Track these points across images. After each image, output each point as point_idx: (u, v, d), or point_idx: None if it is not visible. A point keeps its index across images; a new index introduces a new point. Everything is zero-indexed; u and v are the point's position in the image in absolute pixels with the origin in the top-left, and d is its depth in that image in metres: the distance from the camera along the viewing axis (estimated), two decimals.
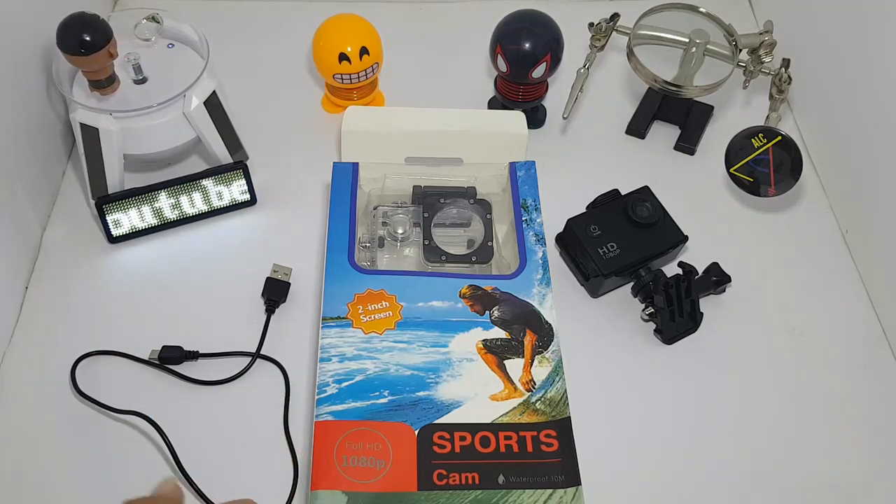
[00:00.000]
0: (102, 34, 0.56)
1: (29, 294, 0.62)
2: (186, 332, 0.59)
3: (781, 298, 0.64)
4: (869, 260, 0.65)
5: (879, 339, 0.62)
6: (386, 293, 0.53)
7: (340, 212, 0.57)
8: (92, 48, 0.56)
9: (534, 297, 0.53)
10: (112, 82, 0.60)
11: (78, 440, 0.55)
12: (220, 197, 0.65)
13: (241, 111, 0.66)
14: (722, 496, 0.54)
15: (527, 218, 0.58)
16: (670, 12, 0.68)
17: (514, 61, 0.67)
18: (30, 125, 0.63)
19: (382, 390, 0.49)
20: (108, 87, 0.60)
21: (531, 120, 0.71)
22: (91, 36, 0.55)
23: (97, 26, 0.56)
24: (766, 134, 0.62)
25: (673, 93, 0.67)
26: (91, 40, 0.55)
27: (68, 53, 0.56)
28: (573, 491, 0.46)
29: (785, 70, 0.64)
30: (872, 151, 0.64)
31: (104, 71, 0.59)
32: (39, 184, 0.65)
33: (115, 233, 0.63)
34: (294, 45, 0.77)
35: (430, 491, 0.45)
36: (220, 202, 0.65)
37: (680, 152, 0.73)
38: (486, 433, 0.47)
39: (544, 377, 0.50)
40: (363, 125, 0.62)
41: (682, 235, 0.62)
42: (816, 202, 0.70)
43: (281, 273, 0.62)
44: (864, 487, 0.55)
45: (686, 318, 0.60)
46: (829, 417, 0.58)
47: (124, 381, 0.57)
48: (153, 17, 0.60)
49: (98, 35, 0.56)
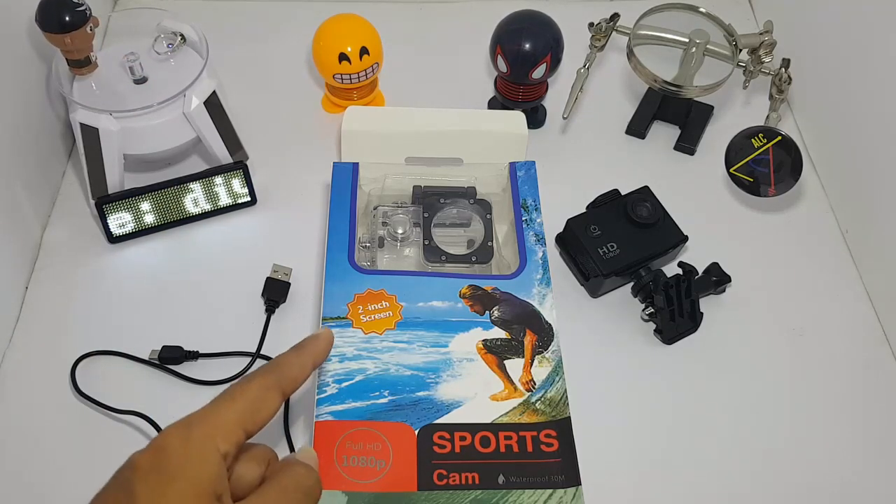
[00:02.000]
0: (82, 12, 0.56)
1: (29, 294, 0.62)
2: (186, 332, 0.59)
3: (781, 298, 0.64)
4: (869, 260, 0.65)
5: (879, 339, 0.62)
6: (386, 293, 0.53)
7: (340, 212, 0.57)
8: (71, 26, 0.56)
9: (534, 297, 0.53)
10: (90, 63, 0.60)
11: (78, 440, 0.55)
12: (220, 197, 0.65)
13: (241, 111, 0.66)
14: (722, 496, 0.54)
15: (527, 218, 0.58)
16: (670, 12, 0.68)
17: (514, 62, 0.67)
18: (30, 125, 0.63)
19: (382, 390, 0.49)
20: (86, 67, 0.59)
21: (531, 120, 0.71)
22: (70, 15, 0.55)
23: (76, 4, 0.56)
24: (766, 134, 0.62)
25: (673, 93, 0.67)
26: (70, 19, 0.55)
27: (48, 32, 0.56)
28: (573, 491, 0.46)
29: (785, 70, 0.64)
30: (872, 151, 0.64)
31: (84, 50, 0.58)
32: (39, 184, 0.65)
33: (115, 233, 0.63)
34: (294, 45, 0.77)
35: (430, 491, 0.45)
36: (220, 202, 0.65)
37: (680, 152, 0.73)
38: (486, 433, 0.47)
39: (544, 377, 0.50)
40: (363, 125, 0.62)
41: (682, 235, 0.62)
42: (816, 202, 0.70)
43: (281, 273, 0.62)
44: (864, 487, 0.55)
45: (686, 318, 0.60)
46: (828, 417, 0.58)
47: (124, 381, 0.57)
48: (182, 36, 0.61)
49: (77, 14, 0.56)
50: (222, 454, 0.34)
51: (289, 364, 0.38)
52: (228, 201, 0.65)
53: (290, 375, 0.38)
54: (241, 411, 0.35)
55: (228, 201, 0.65)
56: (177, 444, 0.33)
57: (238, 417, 0.35)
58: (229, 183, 0.64)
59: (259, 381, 0.37)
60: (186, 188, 0.63)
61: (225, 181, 0.64)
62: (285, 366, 0.38)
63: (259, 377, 0.37)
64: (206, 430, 0.34)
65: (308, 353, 0.40)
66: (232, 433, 0.35)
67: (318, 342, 0.40)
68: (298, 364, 0.39)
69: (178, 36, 0.61)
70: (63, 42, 0.57)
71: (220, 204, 0.65)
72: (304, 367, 0.39)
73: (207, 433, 0.34)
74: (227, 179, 0.64)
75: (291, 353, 0.39)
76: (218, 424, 0.34)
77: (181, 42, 0.61)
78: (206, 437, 0.34)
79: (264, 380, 0.37)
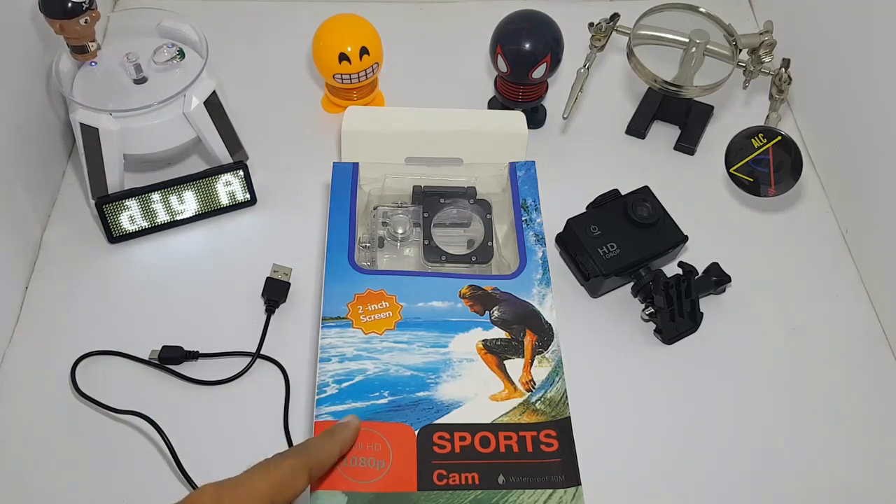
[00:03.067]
0: (78, 5, 0.56)
1: (29, 294, 0.62)
2: (186, 332, 0.59)
3: (781, 298, 0.64)
4: (869, 260, 0.65)
5: (879, 339, 0.62)
6: (386, 293, 0.53)
7: (340, 212, 0.57)
8: (62, 14, 0.56)
9: (534, 297, 0.53)
10: (86, 51, 0.60)
11: (78, 440, 0.55)
12: (220, 197, 0.65)
13: (241, 111, 0.66)
14: (722, 496, 0.54)
15: (527, 218, 0.58)
16: (670, 12, 0.68)
17: (515, 62, 0.67)
18: (30, 125, 0.63)
19: (382, 391, 0.49)
20: (81, 54, 0.60)
21: (531, 120, 0.71)
22: (63, 3, 0.56)
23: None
24: (766, 134, 0.62)
25: (673, 93, 0.67)
26: (62, 8, 0.56)
27: (44, 13, 0.56)
28: (573, 491, 0.46)
29: (785, 70, 0.64)
30: (872, 151, 0.64)
31: (79, 39, 0.59)
32: (39, 184, 0.65)
33: (115, 233, 0.63)
34: (294, 45, 0.77)
35: (430, 491, 0.45)
36: (219, 202, 0.65)
37: (680, 152, 0.73)
38: (486, 433, 0.47)
39: (544, 377, 0.50)
40: (363, 125, 0.62)
41: (682, 235, 0.62)
42: (816, 202, 0.70)
43: (281, 273, 0.62)
44: (864, 487, 0.55)
45: (686, 318, 0.60)
46: (829, 417, 0.58)
47: (124, 381, 0.57)
48: (181, 52, 0.61)
49: (74, 5, 0.56)
50: None
51: (320, 449, 0.42)
52: (228, 201, 0.65)
53: (320, 461, 0.41)
54: (272, 485, 0.38)
55: (228, 201, 0.65)
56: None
57: (269, 490, 0.37)
58: (229, 183, 0.64)
59: (292, 461, 0.39)
60: (186, 188, 0.63)
61: (225, 181, 0.64)
62: (317, 450, 0.42)
63: (293, 457, 0.40)
64: (237, 495, 0.37)
65: (337, 440, 0.43)
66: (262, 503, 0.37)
67: (347, 430, 0.44)
68: (328, 450, 0.42)
69: (177, 52, 0.61)
70: (55, 26, 0.57)
71: (220, 204, 0.65)
72: (333, 454, 0.43)
73: (238, 499, 0.36)
74: (227, 179, 0.64)
75: (323, 439, 0.43)
76: (249, 492, 0.37)
77: (179, 58, 0.61)
78: (237, 502, 0.36)
79: (297, 460, 0.40)
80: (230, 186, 0.64)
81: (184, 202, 0.64)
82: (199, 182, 0.63)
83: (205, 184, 0.63)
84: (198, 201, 0.64)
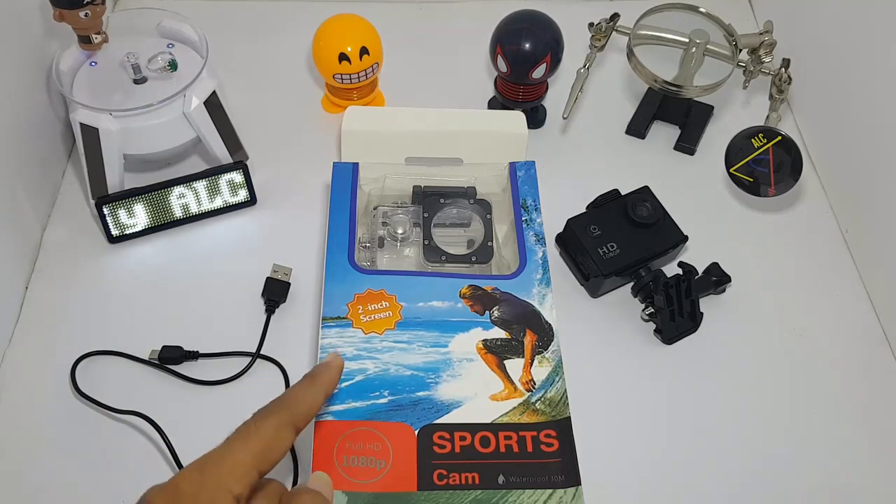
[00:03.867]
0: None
1: (29, 294, 0.62)
2: (186, 332, 0.59)
3: (781, 298, 0.64)
4: (869, 260, 0.65)
5: (879, 339, 0.62)
6: (386, 293, 0.53)
7: (340, 212, 0.57)
8: (58, 3, 0.56)
9: (534, 297, 0.53)
10: (90, 42, 0.60)
11: (78, 440, 0.55)
12: (220, 197, 0.65)
13: (241, 111, 0.66)
14: (722, 496, 0.54)
15: (527, 218, 0.58)
16: (670, 12, 0.68)
17: (514, 62, 0.67)
18: (30, 125, 0.63)
19: (382, 390, 0.49)
20: (87, 44, 0.60)
21: (531, 120, 0.71)
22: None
23: None
24: (766, 134, 0.62)
25: (673, 93, 0.67)
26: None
27: (53, 4, 0.57)
28: (573, 491, 0.46)
29: (785, 70, 0.64)
30: (872, 151, 0.64)
31: (82, 29, 0.59)
32: (39, 184, 0.65)
33: (115, 233, 0.63)
34: (294, 45, 0.77)
35: (430, 491, 0.45)
36: (220, 202, 0.65)
37: (680, 152, 0.73)
38: (486, 433, 0.47)
39: (544, 377, 0.50)
40: (363, 125, 0.62)
41: (682, 235, 0.62)
42: (816, 202, 0.70)
43: (281, 273, 0.62)
44: (864, 487, 0.55)
45: (686, 318, 0.60)
46: (828, 417, 0.58)
47: (124, 381, 0.57)
48: (172, 63, 0.61)
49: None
50: (235, 497, 0.34)
51: (302, 399, 0.38)
52: (228, 201, 0.65)
53: (303, 411, 0.38)
54: (255, 452, 0.35)
55: (228, 201, 0.65)
56: (190, 487, 0.34)
57: (252, 458, 0.35)
58: (229, 183, 0.64)
59: (273, 420, 0.36)
60: (186, 188, 0.63)
61: (225, 181, 0.64)
62: (299, 401, 0.38)
63: (273, 415, 0.37)
64: (219, 472, 0.34)
65: (320, 384, 0.39)
66: (245, 475, 0.35)
67: (330, 371, 0.40)
68: (311, 398, 0.38)
69: (168, 63, 0.61)
70: (55, 13, 0.57)
71: (220, 204, 0.65)
72: (317, 400, 0.39)
73: (221, 476, 0.34)
74: (228, 179, 0.64)
75: (304, 387, 0.39)
76: (231, 466, 0.34)
77: (171, 69, 0.61)
78: (219, 479, 0.34)
79: (278, 418, 0.37)
80: (230, 186, 0.64)
81: (184, 202, 0.64)
82: (199, 182, 0.63)
83: (205, 184, 0.63)
84: (198, 201, 0.64)
